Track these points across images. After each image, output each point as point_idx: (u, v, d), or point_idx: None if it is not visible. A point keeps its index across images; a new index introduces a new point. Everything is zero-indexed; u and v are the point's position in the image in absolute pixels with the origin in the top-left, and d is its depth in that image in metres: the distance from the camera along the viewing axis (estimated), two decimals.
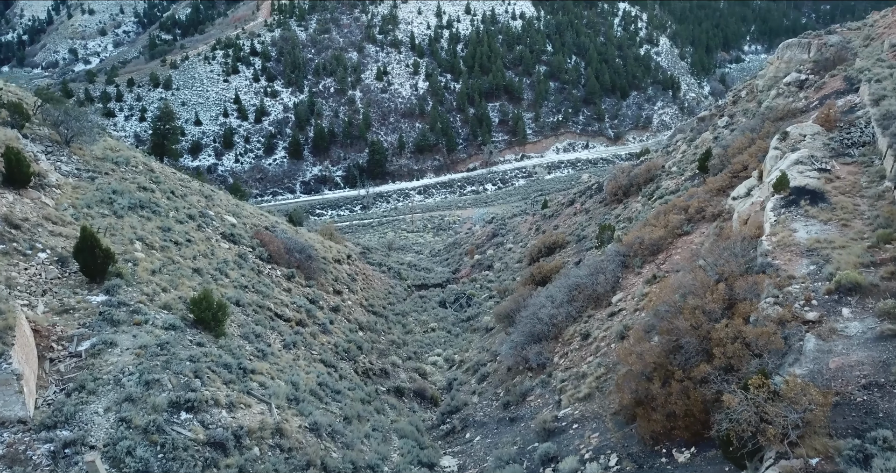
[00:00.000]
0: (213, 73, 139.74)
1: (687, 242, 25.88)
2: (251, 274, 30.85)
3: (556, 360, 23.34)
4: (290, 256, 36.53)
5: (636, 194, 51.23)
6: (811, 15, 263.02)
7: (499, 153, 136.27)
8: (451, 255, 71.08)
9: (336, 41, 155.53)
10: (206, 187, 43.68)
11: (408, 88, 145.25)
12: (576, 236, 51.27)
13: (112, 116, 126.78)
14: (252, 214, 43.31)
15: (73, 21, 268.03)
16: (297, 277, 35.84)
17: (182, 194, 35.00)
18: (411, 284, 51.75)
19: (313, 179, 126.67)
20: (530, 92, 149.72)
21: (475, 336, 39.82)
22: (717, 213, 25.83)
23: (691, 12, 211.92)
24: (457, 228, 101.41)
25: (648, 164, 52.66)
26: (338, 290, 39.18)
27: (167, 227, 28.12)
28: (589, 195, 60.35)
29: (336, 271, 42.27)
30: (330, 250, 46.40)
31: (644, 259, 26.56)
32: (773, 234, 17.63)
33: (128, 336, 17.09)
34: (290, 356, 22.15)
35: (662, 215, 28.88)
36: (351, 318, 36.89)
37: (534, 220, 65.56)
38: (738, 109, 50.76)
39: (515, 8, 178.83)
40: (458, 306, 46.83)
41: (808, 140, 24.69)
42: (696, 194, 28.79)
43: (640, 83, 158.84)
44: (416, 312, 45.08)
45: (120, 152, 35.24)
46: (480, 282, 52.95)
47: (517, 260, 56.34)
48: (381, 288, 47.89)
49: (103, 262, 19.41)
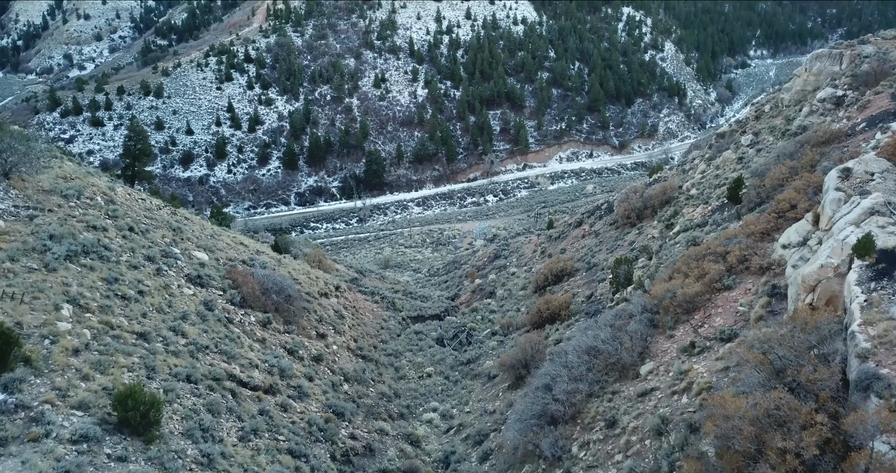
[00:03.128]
0: (205, 80, 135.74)
1: (729, 300, 21.67)
2: (217, 327, 26.65)
3: (575, 450, 19.14)
4: (267, 297, 32.35)
5: (651, 217, 47.16)
6: (817, 19, 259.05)
7: (500, 163, 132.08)
8: (451, 277, 66.81)
9: (333, 47, 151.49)
10: (180, 214, 39.54)
11: (406, 96, 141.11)
12: (585, 262, 47.19)
13: (101, 125, 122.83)
14: (230, 245, 39.17)
15: (69, 26, 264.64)
16: (275, 322, 31.67)
17: (144, 229, 30.83)
18: (406, 316, 47.54)
19: (308, 190, 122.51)
20: (532, 99, 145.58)
21: (476, 384, 35.60)
22: (764, 266, 21.61)
23: (696, 16, 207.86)
24: (457, 243, 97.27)
25: (664, 184, 48.51)
26: (322, 333, 34.99)
27: (114, 277, 23.94)
28: (598, 216, 56.17)
29: (321, 308, 38.09)
30: (316, 283, 42.24)
31: (677, 318, 22.35)
32: (869, 323, 13.41)
33: (14, 463, 12.87)
34: (247, 451, 17.92)
35: (695, 261, 24.64)
36: (335, 367, 32.69)
37: (538, 241, 61.34)
38: (762, 125, 46.57)
39: (517, 13, 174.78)
40: (457, 343, 42.60)
41: (878, 180, 20.48)
42: (734, 236, 24.57)
43: (645, 90, 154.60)
44: (410, 351, 40.86)
45: (74, 182, 31.08)
46: (482, 312, 48.75)
47: (521, 287, 52.28)
48: (372, 323, 43.70)
49: (2, 348, 15.25)
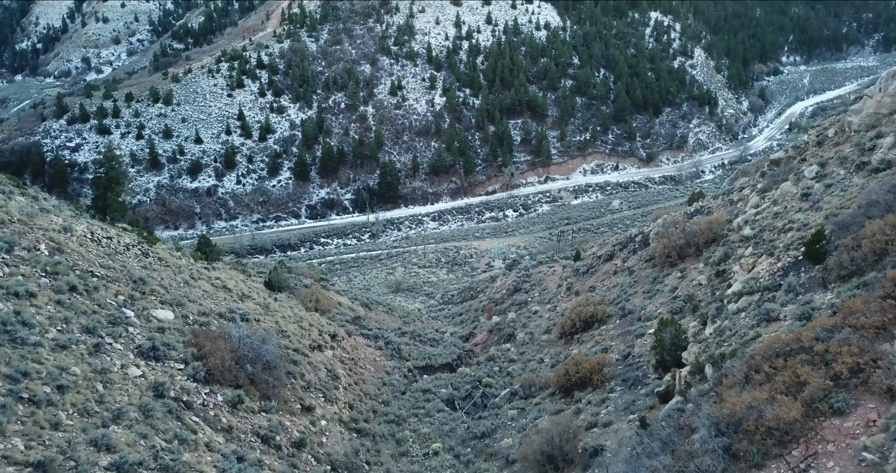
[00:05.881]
0: (216, 87, 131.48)
1: (842, 433, 15.60)
2: (165, 423, 21.08)
3: None
4: (241, 368, 26.80)
5: (695, 257, 41.15)
6: (852, 24, 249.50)
7: (520, 175, 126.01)
8: (466, 309, 61.08)
9: (348, 53, 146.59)
10: (153, 254, 34.30)
11: (423, 104, 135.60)
12: (619, 307, 41.33)
13: (108, 133, 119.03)
14: (207, 292, 33.81)
15: (87, 29, 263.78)
16: (249, 398, 26.12)
17: (92, 286, 25.47)
18: (414, 366, 41.90)
19: (320, 202, 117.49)
20: (555, 108, 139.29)
21: (492, 467, 29.88)
22: (888, 386, 15.55)
23: (726, 21, 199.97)
24: (473, 263, 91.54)
25: (709, 219, 42.39)
26: (308, 406, 29.42)
27: (24, 370, 18.53)
28: (631, 249, 50.06)
29: (311, 369, 32.57)
30: (308, 333, 36.74)
31: (766, 450, 16.38)
32: None
33: None
34: None
35: (780, 358, 18.56)
36: (321, 453, 27.07)
37: (564, 274, 55.36)
38: (828, 154, 40.13)
39: (540, 18, 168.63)
40: (471, 405, 36.80)
41: None
42: (835, 328, 18.45)
43: (673, 99, 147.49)
44: (416, 416, 35.12)
45: (11, 227, 25.92)
46: (499, 362, 43.01)
47: (545, 329, 46.55)
48: (373, 379, 38.11)
49: None
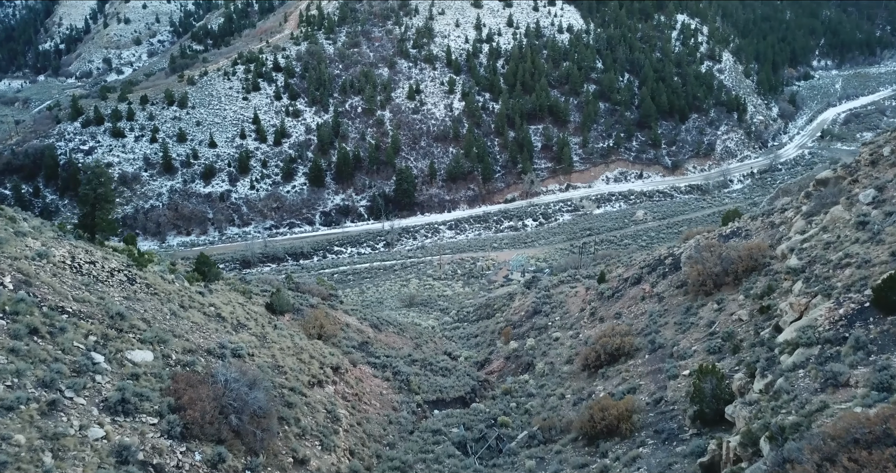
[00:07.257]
0: (231, 90, 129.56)
1: None
2: None
3: None
4: (225, 419, 23.71)
5: (733, 286, 37.74)
6: (885, 27, 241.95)
7: (541, 183, 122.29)
8: (482, 331, 57.83)
9: (366, 55, 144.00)
10: (140, 280, 31.45)
11: (442, 109, 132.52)
12: (648, 339, 37.88)
13: (122, 136, 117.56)
14: (197, 324, 30.84)
15: (109, 30, 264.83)
16: (232, 456, 23.00)
17: (59, 326, 22.55)
18: (424, 400, 38.70)
19: (334, 209, 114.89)
20: (577, 114, 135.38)
21: None
22: None
23: (755, 25, 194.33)
24: (490, 276, 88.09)
25: (749, 245, 38.77)
26: (302, 458, 26.26)
27: None
28: (661, 273, 46.47)
29: (308, 411, 29.45)
30: (309, 367, 33.68)
31: None
32: None
33: None
34: None
35: (864, 450, 15.12)
36: None
37: (587, 296, 51.88)
38: (885, 175, 36.27)
39: (563, 20, 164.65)
40: (485, 449, 33.51)
41: None
42: None
43: (700, 104, 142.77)
44: (423, 462, 31.90)
45: None
46: (517, 397, 39.73)
47: (566, 359, 43.30)
48: (378, 417, 34.95)
49: None
